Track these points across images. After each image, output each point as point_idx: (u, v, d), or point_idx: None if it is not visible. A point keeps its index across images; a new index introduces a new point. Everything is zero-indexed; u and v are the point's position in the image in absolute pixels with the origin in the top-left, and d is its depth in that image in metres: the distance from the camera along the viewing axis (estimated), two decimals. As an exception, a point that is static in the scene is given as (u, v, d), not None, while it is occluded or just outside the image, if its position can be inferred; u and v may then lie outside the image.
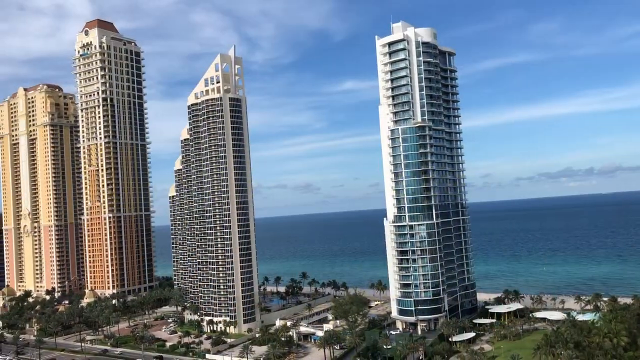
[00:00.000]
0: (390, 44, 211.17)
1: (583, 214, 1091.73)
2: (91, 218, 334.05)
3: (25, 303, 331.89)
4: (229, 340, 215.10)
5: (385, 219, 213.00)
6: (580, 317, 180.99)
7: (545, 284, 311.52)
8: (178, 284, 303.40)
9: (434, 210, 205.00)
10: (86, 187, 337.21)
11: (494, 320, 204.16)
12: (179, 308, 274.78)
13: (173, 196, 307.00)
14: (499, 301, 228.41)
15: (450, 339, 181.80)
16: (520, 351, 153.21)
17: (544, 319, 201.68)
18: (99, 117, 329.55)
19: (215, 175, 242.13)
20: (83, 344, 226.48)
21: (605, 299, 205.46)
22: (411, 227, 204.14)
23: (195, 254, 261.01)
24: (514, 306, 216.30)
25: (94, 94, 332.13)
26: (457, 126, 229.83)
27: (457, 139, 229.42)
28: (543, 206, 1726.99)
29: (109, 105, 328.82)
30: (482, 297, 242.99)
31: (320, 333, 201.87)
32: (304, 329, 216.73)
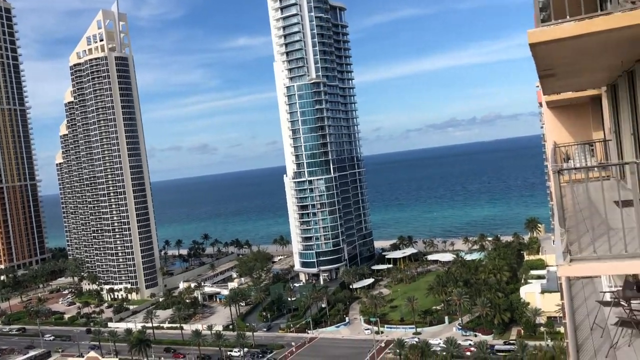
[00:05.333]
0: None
1: (467, 161, 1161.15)
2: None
3: None
4: (131, 307, 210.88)
5: (285, 175, 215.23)
6: (468, 257, 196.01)
7: (436, 229, 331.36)
8: (73, 254, 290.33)
9: (331, 165, 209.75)
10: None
11: (390, 266, 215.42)
12: (76, 279, 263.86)
13: (60, 163, 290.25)
14: (394, 247, 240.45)
15: (351, 286, 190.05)
16: (416, 292, 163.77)
17: (436, 261, 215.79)
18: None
19: (105, 140, 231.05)
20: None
21: (489, 238, 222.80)
22: (310, 182, 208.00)
23: (89, 222, 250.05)
24: (409, 251, 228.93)
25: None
26: (350, 81, 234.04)
27: (350, 94, 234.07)
28: (431, 155, 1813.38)
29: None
30: (379, 244, 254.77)
31: (225, 292, 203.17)
32: (208, 289, 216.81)
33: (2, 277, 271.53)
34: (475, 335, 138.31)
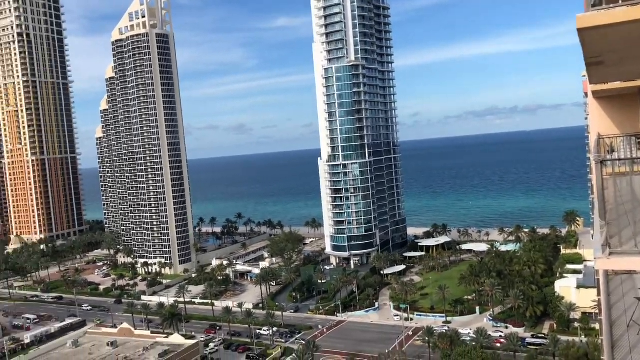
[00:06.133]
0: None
1: (506, 151, 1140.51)
2: (12, 161, 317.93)
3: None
4: (164, 282, 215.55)
5: (319, 158, 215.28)
6: (503, 248, 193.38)
7: (471, 218, 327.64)
8: (109, 227, 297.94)
9: (366, 149, 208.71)
10: (5, 129, 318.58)
11: (423, 253, 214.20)
12: (112, 251, 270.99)
13: (100, 137, 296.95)
14: (428, 235, 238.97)
15: (381, 272, 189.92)
16: (448, 281, 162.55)
17: (469, 251, 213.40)
18: (15, 53, 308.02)
19: (144, 116, 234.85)
20: (11, 291, 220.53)
21: (525, 230, 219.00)
22: (345, 166, 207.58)
23: (126, 197, 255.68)
24: (442, 239, 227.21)
25: (7, 29, 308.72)
26: (389, 65, 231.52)
27: (389, 78, 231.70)
28: (469, 143, 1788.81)
29: (25, 41, 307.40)
30: (412, 231, 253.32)
31: (256, 271, 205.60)
32: (240, 267, 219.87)
33: (42, 247, 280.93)
34: (507, 327, 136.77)
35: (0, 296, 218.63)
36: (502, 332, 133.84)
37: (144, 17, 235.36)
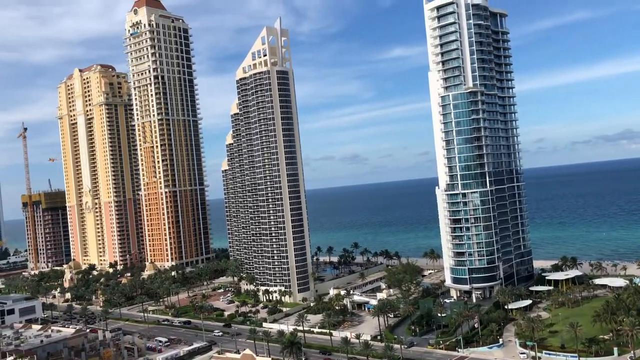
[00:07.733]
0: (438, 8, 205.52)
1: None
2: (148, 193, 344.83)
3: (91, 276, 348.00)
4: (284, 310, 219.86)
5: (437, 187, 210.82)
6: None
7: (605, 250, 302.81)
8: (233, 255, 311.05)
9: (487, 178, 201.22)
10: (142, 164, 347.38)
11: (551, 288, 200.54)
12: (235, 279, 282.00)
13: (225, 170, 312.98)
14: (556, 268, 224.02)
15: (505, 307, 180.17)
16: (579, 318, 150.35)
17: (604, 286, 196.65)
18: (151, 94, 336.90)
19: (265, 149, 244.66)
20: (145, 314, 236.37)
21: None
22: (464, 195, 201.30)
23: (249, 226, 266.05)
24: (572, 273, 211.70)
25: (145, 72, 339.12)
26: (510, 90, 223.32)
27: (510, 104, 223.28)
28: (600, 170, 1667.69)
29: (160, 83, 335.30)
30: (538, 264, 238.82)
31: (373, 302, 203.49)
32: (357, 297, 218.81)
33: (173, 273, 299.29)
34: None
35: (136, 319, 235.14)
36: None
37: (265, 55, 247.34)
